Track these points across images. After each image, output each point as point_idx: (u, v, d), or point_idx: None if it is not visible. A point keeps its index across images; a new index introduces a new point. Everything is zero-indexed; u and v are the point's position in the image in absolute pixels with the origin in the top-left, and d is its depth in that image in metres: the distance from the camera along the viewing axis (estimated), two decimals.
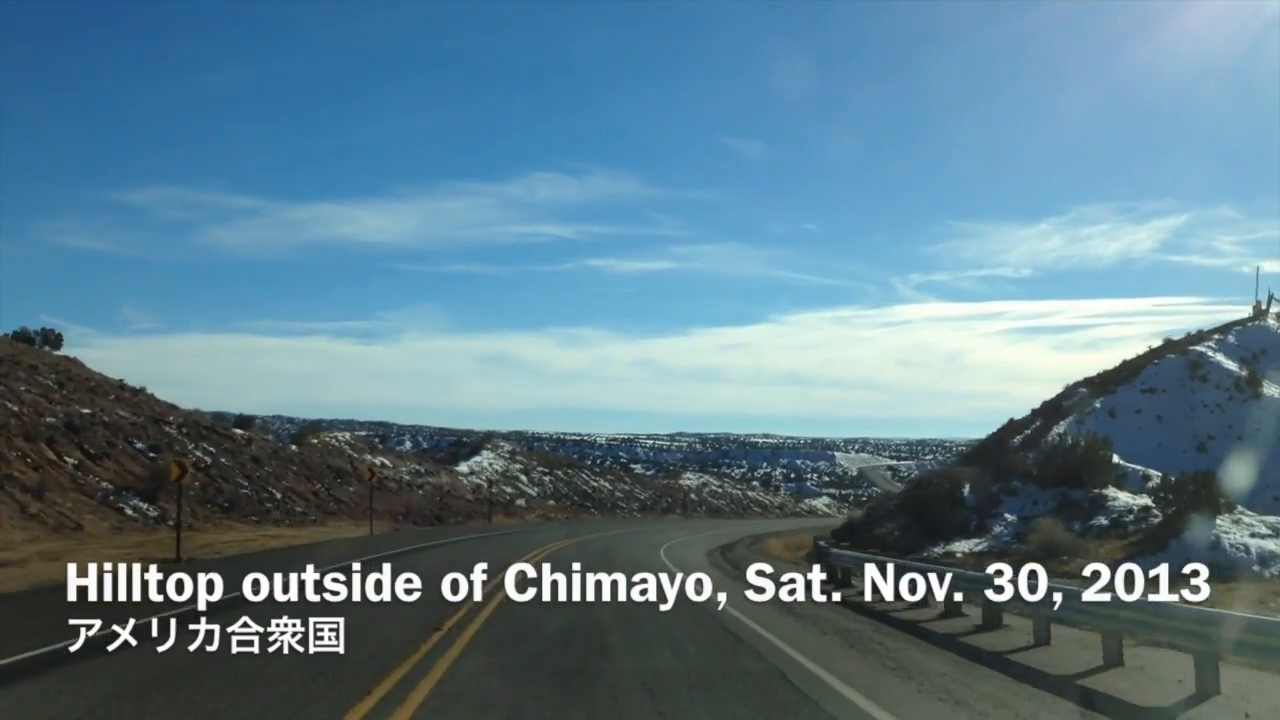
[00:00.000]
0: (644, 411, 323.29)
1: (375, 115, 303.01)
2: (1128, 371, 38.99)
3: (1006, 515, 26.05)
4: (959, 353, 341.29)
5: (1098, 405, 36.45)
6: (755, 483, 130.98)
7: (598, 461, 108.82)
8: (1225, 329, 40.41)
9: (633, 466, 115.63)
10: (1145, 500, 24.62)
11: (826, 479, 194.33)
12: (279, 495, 39.18)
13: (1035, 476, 27.29)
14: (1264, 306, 41.49)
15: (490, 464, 66.73)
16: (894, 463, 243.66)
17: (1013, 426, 39.62)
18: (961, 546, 24.76)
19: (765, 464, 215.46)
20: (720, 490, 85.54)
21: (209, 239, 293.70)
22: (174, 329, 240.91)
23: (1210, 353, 37.83)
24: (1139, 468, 27.70)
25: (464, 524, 48.62)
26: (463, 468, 63.57)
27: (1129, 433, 34.49)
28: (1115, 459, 27.09)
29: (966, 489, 28.20)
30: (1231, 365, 36.82)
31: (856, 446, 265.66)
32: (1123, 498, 24.77)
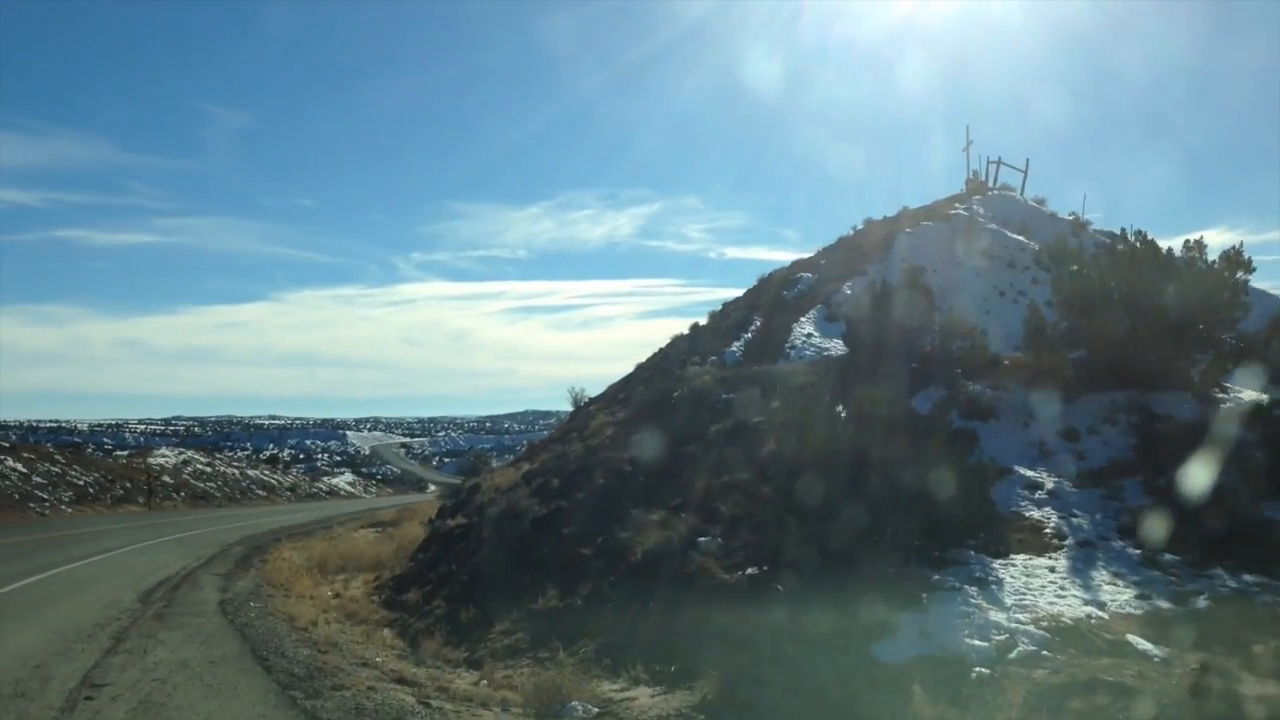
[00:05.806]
0: (133, 395, 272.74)
1: None
2: (871, 245, 25.90)
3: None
4: (464, 332, 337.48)
5: (847, 291, 22.26)
6: (261, 460, 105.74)
7: (10, 436, 76.44)
8: (962, 199, 29.16)
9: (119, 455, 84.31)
10: None
11: (339, 458, 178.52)
12: None
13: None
14: (983, 178, 31.24)
15: None
16: (407, 440, 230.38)
17: (696, 335, 24.42)
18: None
19: (273, 445, 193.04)
20: (209, 469, 60.93)
21: None
22: None
23: (984, 222, 26.10)
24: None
25: None
26: None
27: None
28: None
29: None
30: (1020, 238, 25.30)
31: (368, 425, 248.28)
32: None
